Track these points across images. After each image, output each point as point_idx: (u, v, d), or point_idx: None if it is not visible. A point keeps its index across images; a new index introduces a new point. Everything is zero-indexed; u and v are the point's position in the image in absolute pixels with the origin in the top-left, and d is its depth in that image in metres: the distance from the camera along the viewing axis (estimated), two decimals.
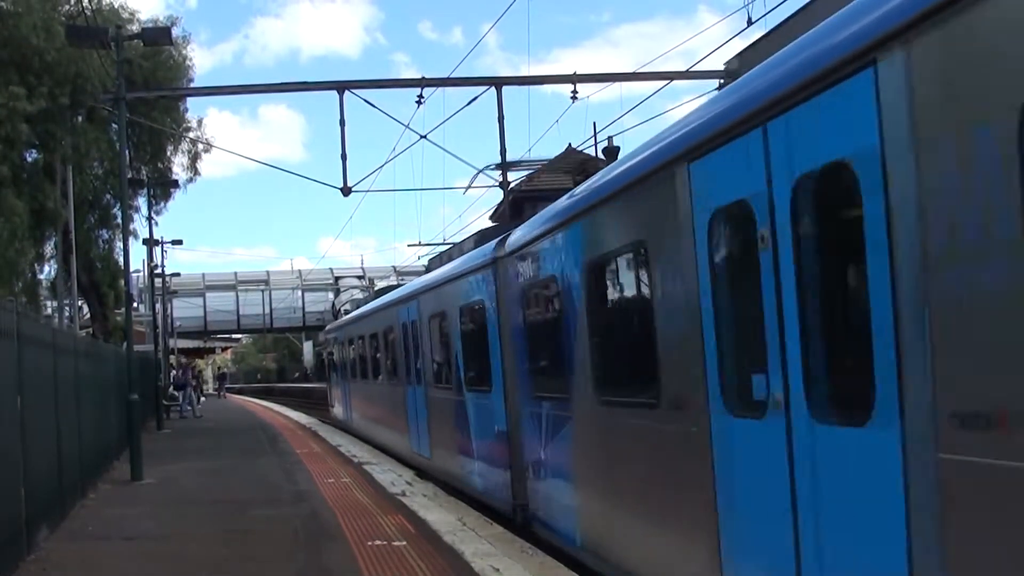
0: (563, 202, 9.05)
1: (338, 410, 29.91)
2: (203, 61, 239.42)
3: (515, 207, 16.37)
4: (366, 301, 27.44)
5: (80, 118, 29.37)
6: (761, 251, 5.10)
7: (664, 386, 6.56)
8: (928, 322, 3.90)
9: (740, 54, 6.58)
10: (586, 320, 8.18)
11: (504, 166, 17.73)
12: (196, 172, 37.78)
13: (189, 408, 38.68)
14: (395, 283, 32.11)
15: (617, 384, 7.75)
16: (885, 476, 4.05)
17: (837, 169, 4.48)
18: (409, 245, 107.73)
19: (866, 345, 4.26)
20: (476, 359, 12.67)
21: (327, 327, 36.46)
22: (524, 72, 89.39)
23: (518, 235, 10.59)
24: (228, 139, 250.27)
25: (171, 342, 53.81)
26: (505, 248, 11.06)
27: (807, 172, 4.71)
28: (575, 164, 14.53)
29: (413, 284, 18.85)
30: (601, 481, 8.20)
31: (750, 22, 14.91)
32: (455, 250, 16.01)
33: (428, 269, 19.18)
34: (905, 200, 4.04)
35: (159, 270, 44.69)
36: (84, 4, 25.14)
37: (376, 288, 31.62)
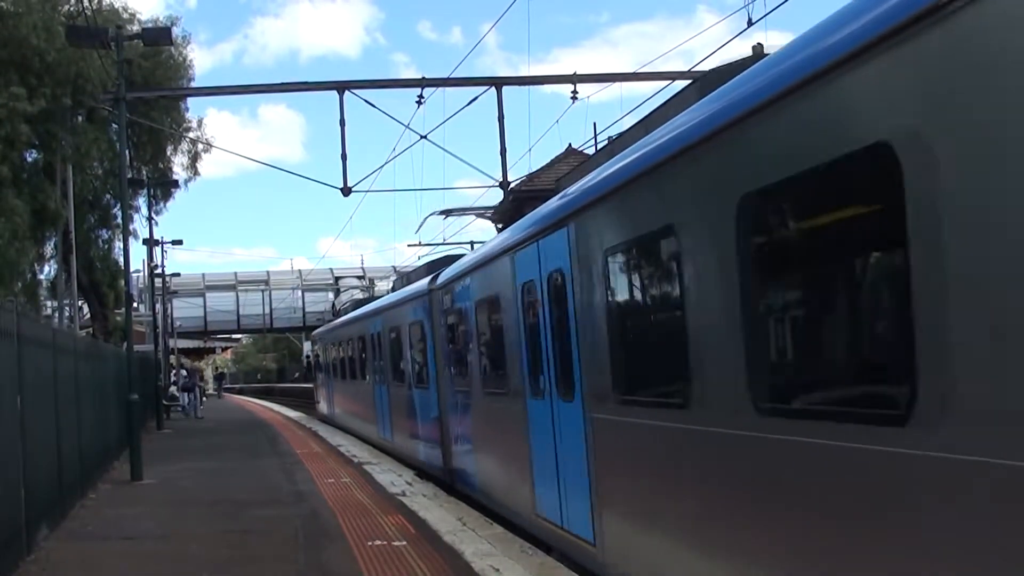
0: (466, 258, 13.68)
1: (323, 406, 34.22)
2: (203, 61, 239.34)
3: (515, 207, 16.42)
4: (346, 312, 31.56)
5: (80, 118, 29.38)
6: (538, 310, 9.28)
7: (509, 382, 10.58)
8: (579, 356, 8.11)
9: (559, 180, 10.57)
10: (475, 338, 12.38)
11: (447, 212, 21.64)
12: (196, 172, 37.85)
13: (192, 410, 38.71)
14: (368, 296, 35.42)
15: (489, 381, 11.72)
16: (577, 423, 8.21)
17: (557, 273, 8.65)
18: (409, 245, 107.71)
19: (568, 363, 8.40)
20: (420, 363, 16.82)
21: (313, 334, 41.73)
22: (524, 72, 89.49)
23: (444, 276, 14.52)
24: (227, 139, 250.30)
25: (171, 342, 53.81)
26: (436, 283, 14.94)
27: (549, 271, 8.88)
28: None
29: (379, 302, 23.22)
30: (484, 444, 12.39)
31: (750, 23, 14.90)
32: (414, 274, 20.11)
33: (393, 289, 23.11)
34: (572, 293, 8.19)
35: (159, 270, 44.70)
36: (84, 4, 25.12)
37: (354, 299, 35.26)
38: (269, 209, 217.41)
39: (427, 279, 16.00)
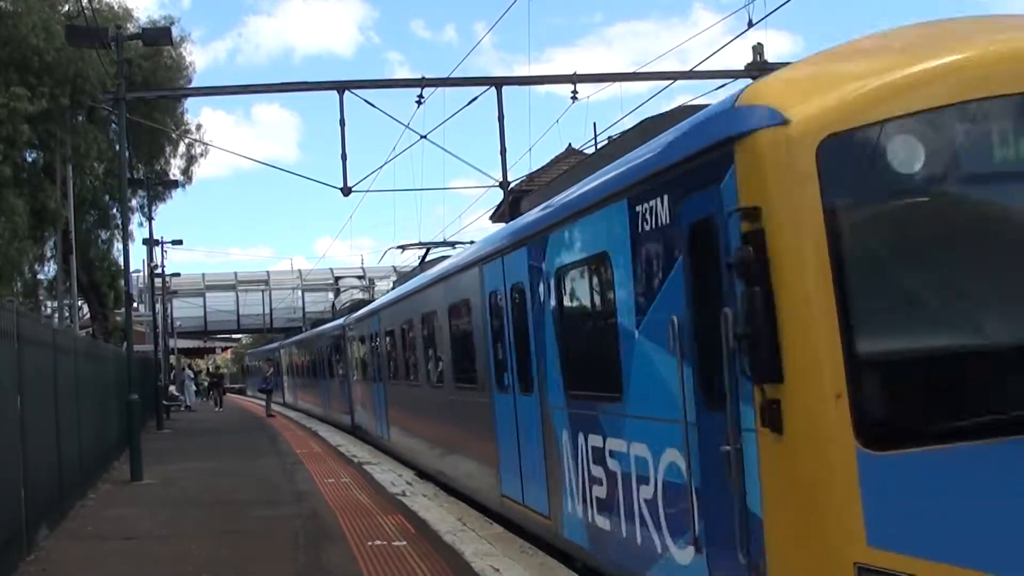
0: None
1: (247, 390, 53.95)
2: (197, 60, 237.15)
3: (515, 206, 16.43)
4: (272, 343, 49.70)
5: (80, 118, 29.36)
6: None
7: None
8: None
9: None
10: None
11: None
12: (189, 179, 37.87)
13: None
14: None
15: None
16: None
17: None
18: (399, 247, 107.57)
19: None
20: (271, 371, 30.36)
21: (246, 354, 63.41)
22: (521, 71, 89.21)
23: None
24: (222, 138, 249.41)
25: (171, 342, 53.78)
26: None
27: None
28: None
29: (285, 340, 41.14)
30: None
31: (751, 23, 14.86)
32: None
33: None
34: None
35: (159, 270, 44.68)
36: (83, 4, 25.10)
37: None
38: (266, 209, 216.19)
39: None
